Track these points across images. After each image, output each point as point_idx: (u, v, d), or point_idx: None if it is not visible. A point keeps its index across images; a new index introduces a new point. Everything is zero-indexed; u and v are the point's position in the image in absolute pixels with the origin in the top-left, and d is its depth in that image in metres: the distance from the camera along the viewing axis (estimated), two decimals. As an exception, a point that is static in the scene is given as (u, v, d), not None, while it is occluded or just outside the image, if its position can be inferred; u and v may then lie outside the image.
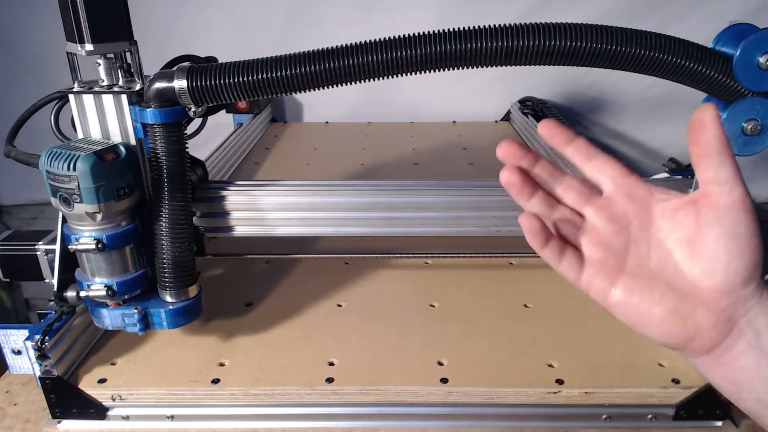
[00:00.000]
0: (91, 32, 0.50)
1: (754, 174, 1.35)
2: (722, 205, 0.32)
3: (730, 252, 0.31)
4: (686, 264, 0.32)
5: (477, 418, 0.55)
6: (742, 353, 0.32)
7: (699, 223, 0.32)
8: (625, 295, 0.33)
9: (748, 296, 0.31)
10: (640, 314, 0.33)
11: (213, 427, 0.55)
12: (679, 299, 0.32)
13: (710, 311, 0.32)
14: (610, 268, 0.34)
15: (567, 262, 0.35)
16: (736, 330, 0.32)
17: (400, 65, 0.49)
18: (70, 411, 0.54)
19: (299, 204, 0.63)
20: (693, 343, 0.33)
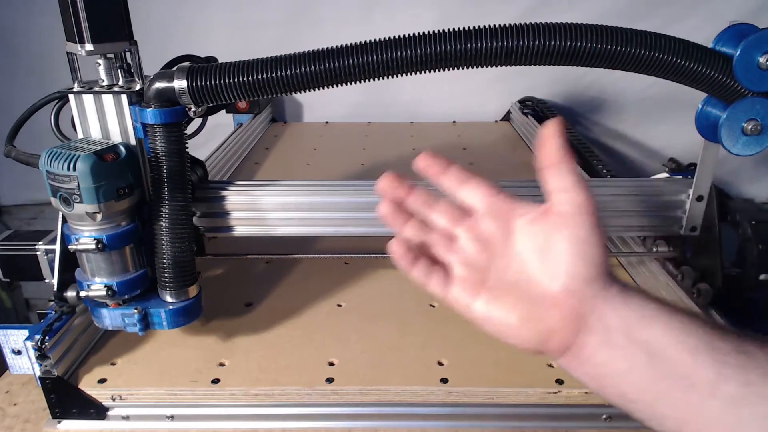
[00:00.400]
0: (91, 32, 0.50)
1: (754, 174, 1.35)
2: (565, 212, 0.34)
3: (573, 254, 0.33)
4: (537, 271, 0.35)
5: (477, 418, 0.55)
6: (596, 350, 0.33)
7: (548, 231, 0.35)
8: (485, 308, 0.36)
9: (594, 295, 0.33)
10: (497, 324, 0.36)
11: (213, 427, 0.55)
12: (531, 305, 0.35)
13: (559, 312, 0.34)
14: (473, 284, 0.37)
15: (434, 281, 0.38)
16: (586, 328, 0.33)
17: (400, 65, 0.49)
18: (70, 411, 0.54)
19: (299, 204, 0.63)
20: (549, 344, 0.34)
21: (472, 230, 0.38)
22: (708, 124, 0.54)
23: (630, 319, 0.33)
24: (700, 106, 0.54)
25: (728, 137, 0.52)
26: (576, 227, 0.34)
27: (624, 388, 0.33)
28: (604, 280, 0.34)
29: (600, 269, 0.34)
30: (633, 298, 0.34)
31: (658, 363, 0.32)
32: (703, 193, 0.62)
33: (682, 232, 0.63)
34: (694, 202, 0.62)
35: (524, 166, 1.11)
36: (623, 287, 0.34)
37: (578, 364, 0.34)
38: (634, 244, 0.73)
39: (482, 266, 0.37)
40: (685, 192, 0.62)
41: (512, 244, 0.36)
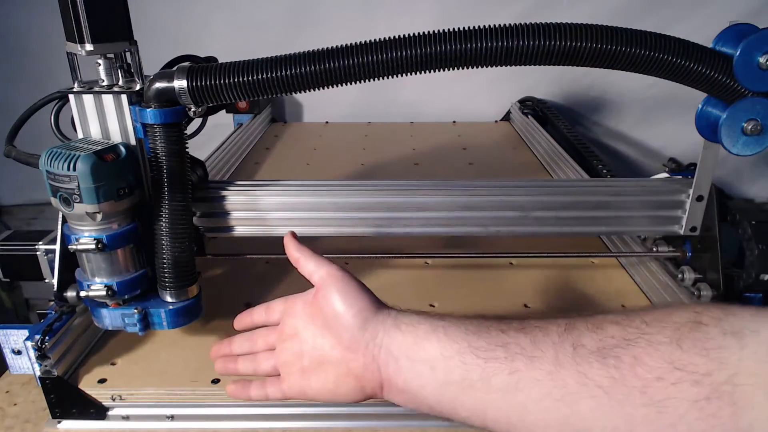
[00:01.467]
0: (91, 32, 0.50)
1: (754, 174, 1.35)
2: (321, 285, 0.42)
3: (340, 311, 0.40)
4: (325, 341, 0.42)
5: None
6: (395, 379, 0.39)
7: (318, 305, 0.42)
8: (311, 386, 0.42)
9: (373, 334, 0.39)
10: (324, 393, 0.42)
11: (213, 427, 0.55)
12: (336, 366, 0.41)
13: (356, 362, 0.40)
14: (296, 374, 0.43)
15: (270, 388, 0.45)
16: (382, 365, 0.39)
17: (400, 65, 0.49)
18: (70, 411, 0.54)
19: (299, 204, 0.63)
20: (366, 388, 0.40)
21: (280, 335, 0.45)
22: (708, 124, 0.54)
23: (406, 344, 0.38)
24: (700, 106, 0.54)
25: (728, 137, 0.52)
26: (334, 291, 0.41)
27: (429, 403, 0.38)
28: (375, 316, 0.40)
29: (365, 311, 0.40)
30: (403, 324, 0.39)
31: (438, 374, 0.37)
32: (703, 193, 0.62)
33: (682, 232, 0.63)
34: (694, 202, 0.62)
35: (524, 166, 1.11)
36: (396, 317, 0.40)
37: (394, 394, 0.39)
38: (634, 244, 0.73)
39: (296, 359, 0.43)
40: (685, 192, 0.62)
41: (303, 333, 0.43)
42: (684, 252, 0.66)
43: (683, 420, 0.29)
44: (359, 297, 0.41)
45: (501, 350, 0.35)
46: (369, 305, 0.41)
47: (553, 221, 0.63)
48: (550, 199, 0.63)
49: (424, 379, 0.37)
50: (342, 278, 0.42)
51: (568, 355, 0.33)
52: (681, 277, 0.64)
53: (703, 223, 0.63)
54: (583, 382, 0.32)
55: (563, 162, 1.00)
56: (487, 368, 0.35)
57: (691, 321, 0.31)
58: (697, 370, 0.29)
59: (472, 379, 0.35)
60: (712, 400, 0.28)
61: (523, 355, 0.34)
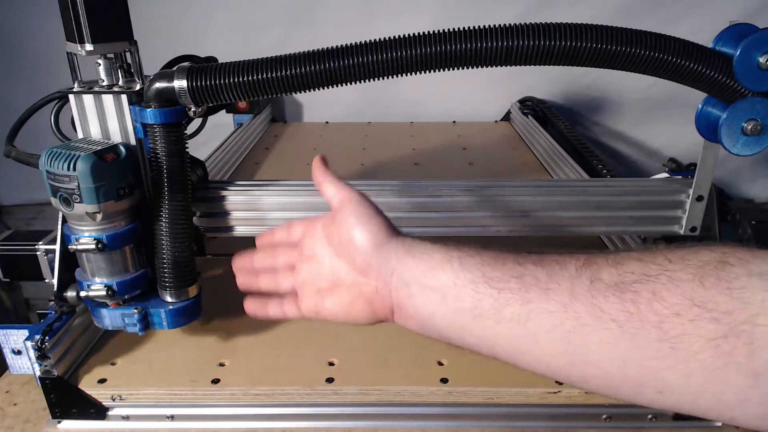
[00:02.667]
0: (91, 32, 0.50)
1: (754, 174, 1.35)
2: (336, 209, 0.43)
3: (356, 234, 0.41)
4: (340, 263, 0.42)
5: (477, 418, 0.55)
6: (406, 304, 0.39)
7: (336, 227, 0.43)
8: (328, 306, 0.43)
9: (386, 259, 0.40)
10: (341, 314, 0.43)
11: (213, 427, 0.55)
12: (350, 289, 0.42)
13: (368, 285, 0.41)
14: (313, 294, 0.44)
15: (287, 307, 0.46)
16: (393, 290, 0.39)
17: (400, 65, 0.49)
18: (70, 411, 0.54)
19: (299, 204, 0.63)
20: (377, 312, 0.41)
21: (300, 254, 0.46)
22: (708, 124, 0.54)
23: (419, 271, 0.38)
24: (700, 106, 0.54)
25: (728, 137, 0.52)
26: (350, 214, 0.42)
27: (438, 329, 0.39)
28: (388, 241, 0.40)
29: (379, 235, 0.41)
30: (417, 251, 0.39)
31: (449, 301, 0.37)
32: (703, 193, 0.62)
33: (682, 232, 0.63)
34: (694, 202, 0.62)
35: (524, 166, 1.11)
36: (410, 244, 0.40)
37: (405, 320, 0.40)
38: (634, 244, 0.73)
39: (314, 278, 0.44)
40: (685, 192, 0.62)
41: (321, 253, 0.44)
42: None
43: (696, 357, 0.29)
44: (374, 221, 0.41)
45: (515, 281, 0.35)
46: (383, 230, 0.41)
47: (553, 221, 0.63)
48: (550, 199, 0.63)
49: (435, 306, 0.38)
50: (359, 201, 0.42)
51: (584, 288, 0.33)
52: (681, 277, 0.64)
53: (703, 223, 0.63)
54: (597, 315, 0.32)
55: (563, 162, 1.00)
56: (500, 298, 0.35)
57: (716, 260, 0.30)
58: (717, 308, 0.28)
59: (483, 308, 0.36)
60: (729, 338, 0.28)
61: (537, 287, 0.34)
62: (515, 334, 0.35)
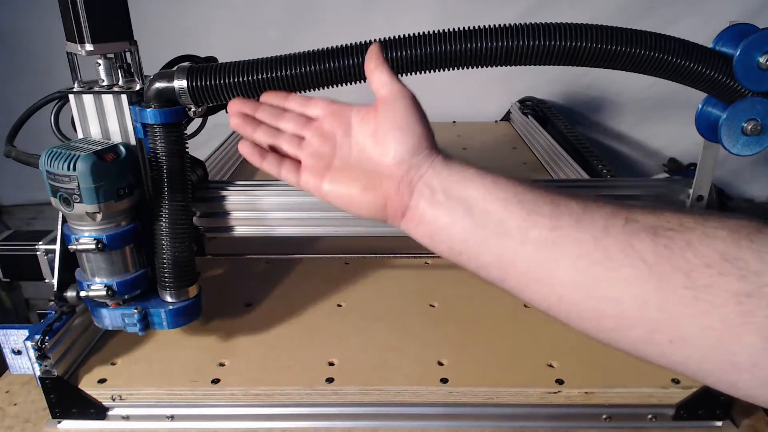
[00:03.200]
0: (91, 32, 0.50)
1: (754, 174, 1.35)
2: (386, 99, 0.42)
3: (396, 131, 0.41)
4: (372, 150, 0.42)
5: (477, 418, 0.55)
6: (425, 209, 0.39)
7: (377, 117, 0.42)
8: (332, 185, 0.43)
9: (419, 163, 0.40)
10: (343, 196, 0.43)
11: (213, 427, 0.55)
12: (369, 178, 0.42)
13: (392, 180, 0.40)
14: (320, 169, 0.44)
15: (285, 169, 0.45)
16: (416, 192, 0.40)
17: (400, 65, 0.49)
18: (70, 411, 0.54)
19: (299, 204, 0.63)
20: (387, 209, 0.41)
21: (317, 129, 0.45)
22: (708, 124, 0.54)
23: (450, 181, 0.39)
24: (700, 106, 0.54)
25: (728, 137, 0.52)
26: (396, 109, 0.41)
27: (451, 242, 0.38)
28: (428, 150, 0.40)
29: (421, 140, 0.40)
30: (454, 165, 0.40)
31: (475, 214, 0.37)
32: (703, 193, 0.62)
33: (682, 232, 0.63)
34: (694, 202, 0.62)
35: (524, 166, 1.11)
36: (447, 156, 0.40)
37: (414, 224, 0.40)
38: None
39: (326, 155, 0.44)
40: (685, 192, 0.62)
41: (352, 134, 0.44)
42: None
43: (718, 310, 0.29)
44: (421, 124, 0.41)
45: (548, 206, 0.35)
46: (426, 136, 0.41)
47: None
48: (550, 199, 0.63)
49: (456, 217, 0.37)
50: (412, 100, 0.42)
51: (619, 226, 0.32)
52: (681, 277, 0.64)
53: (703, 223, 0.63)
54: (627, 252, 0.31)
55: (563, 162, 1.00)
56: (529, 219, 0.35)
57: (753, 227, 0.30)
58: (746, 266, 0.28)
59: (509, 227, 0.35)
60: (753, 297, 0.28)
61: (569, 216, 0.34)
62: (537, 256, 0.34)
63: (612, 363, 0.56)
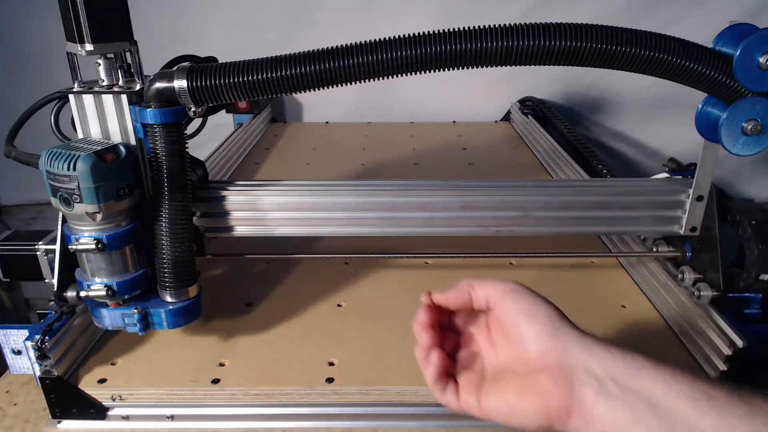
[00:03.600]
0: (91, 32, 0.50)
1: (754, 174, 1.35)
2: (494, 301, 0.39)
3: (522, 320, 0.37)
4: (515, 348, 0.38)
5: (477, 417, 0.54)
6: (594, 403, 0.33)
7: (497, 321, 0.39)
8: (487, 400, 0.37)
9: (567, 347, 0.35)
10: (501, 410, 0.37)
11: (213, 427, 0.55)
12: (519, 380, 0.36)
13: (545, 374, 0.35)
14: (474, 385, 0.39)
15: (449, 393, 0.39)
16: (577, 382, 0.34)
17: (400, 65, 0.49)
18: (70, 411, 0.54)
19: (299, 204, 0.63)
20: (551, 409, 0.34)
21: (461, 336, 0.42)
22: (708, 124, 0.54)
23: (617, 368, 0.33)
24: (700, 106, 0.54)
25: (728, 137, 0.52)
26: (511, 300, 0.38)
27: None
28: (568, 327, 0.36)
29: (554, 320, 0.36)
30: (613, 348, 0.34)
31: (661, 413, 0.31)
32: (703, 193, 0.62)
33: (682, 232, 0.63)
34: (694, 202, 0.62)
35: (524, 166, 1.11)
36: (598, 339, 0.35)
37: (585, 424, 0.34)
38: (634, 244, 0.73)
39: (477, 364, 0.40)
40: (685, 192, 0.62)
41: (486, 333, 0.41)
42: (684, 252, 0.66)
43: None
44: (544, 303, 0.38)
45: (743, 406, 0.30)
46: (557, 314, 0.37)
47: (553, 221, 0.63)
48: (550, 199, 0.63)
49: (640, 416, 0.31)
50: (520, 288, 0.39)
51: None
52: (681, 277, 0.64)
53: (703, 223, 0.63)
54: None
55: (563, 162, 1.00)
56: (726, 422, 0.30)
57: None
58: None
59: (703, 430, 0.30)
60: None
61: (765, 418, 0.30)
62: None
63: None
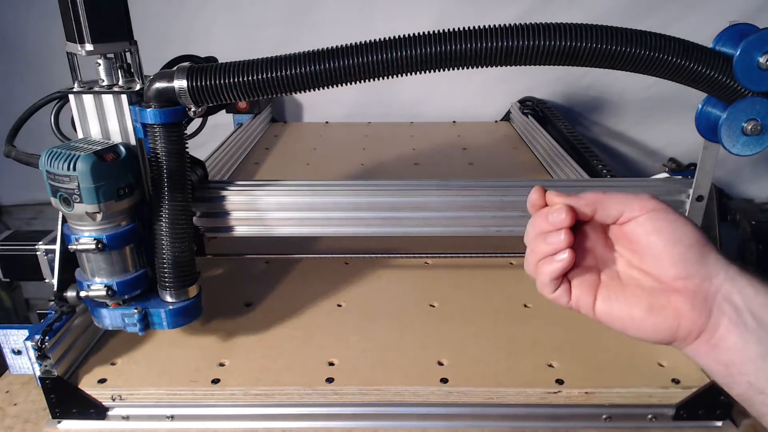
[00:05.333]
0: (91, 32, 0.50)
1: (754, 174, 1.35)
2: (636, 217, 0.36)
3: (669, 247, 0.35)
4: (647, 265, 0.36)
5: (477, 418, 0.55)
6: (728, 331, 0.33)
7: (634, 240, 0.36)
8: (606, 305, 0.37)
9: (711, 273, 0.34)
10: (623, 319, 0.36)
11: (213, 427, 0.55)
12: (651, 296, 0.35)
13: (683, 296, 0.34)
14: (589, 286, 0.38)
15: (560, 289, 0.38)
16: (715, 309, 0.34)
17: (400, 65, 0.49)
18: (70, 411, 0.54)
19: (299, 204, 0.63)
20: (680, 330, 0.35)
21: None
22: (708, 124, 0.54)
23: (758, 302, 0.33)
24: (700, 106, 0.54)
25: (728, 137, 0.52)
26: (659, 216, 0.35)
27: (754, 377, 0.32)
28: (714, 255, 0.34)
29: (701, 250, 0.34)
30: (756, 282, 0.33)
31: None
32: (703, 193, 0.62)
33: (682, 232, 0.63)
34: (694, 202, 0.62)
35: (524, 166, 1.11)
36: (743, 269, 0.34)
37: (709, 349, 0.34)
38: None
39: (591, 268, 0.38)
40: (685, 192, 0.62)
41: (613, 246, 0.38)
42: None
43: None
44: (691, 227, 0.35)
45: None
46: (703, 239, 0.35)
47: (553, 221, 0.63)
48: (550, 199, 0.63)
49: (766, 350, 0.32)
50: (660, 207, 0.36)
51: None
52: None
53: (703, 223, 0.63)
54: None
55: (563, 162, 1.00)
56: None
57: None
58: None
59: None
60: None
61: None
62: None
63: (612, 363, 0.56)
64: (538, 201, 0.38)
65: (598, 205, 0.37)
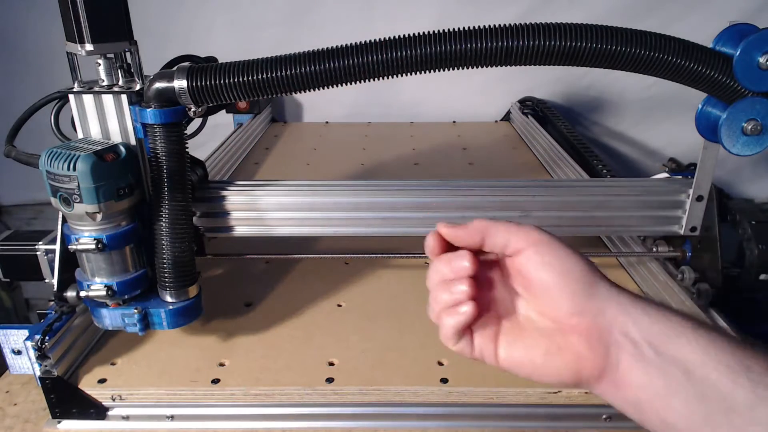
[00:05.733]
0: (91, 32, 0.50)
1: (754, 174, 1.35)
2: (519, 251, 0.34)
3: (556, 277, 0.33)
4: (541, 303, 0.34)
5: (477, 418, 0.55)
6: (630, 367, 0.31)
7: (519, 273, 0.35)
8: (507, 352, 0.35)
9: (603, 307, 0.32)
10: (524, 365, 0.35)
11: (213, 427, 0.55)
12: (548, 338, 0.34)
13: (580, 336, 0.32)
14: (489, 333, 0.36)
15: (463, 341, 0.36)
16: (613, 345, 0.32)
17: (400, 65, 0.49)
18: (70, 411, 0.54)
19: (299, 204, 0.63)
20: (583, 372, 0.33)
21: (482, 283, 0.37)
22: (708, 124, 0.54)
23: (654, 332, 0.31)
24: (700, 106, 0.54)
25: (728, 137, 0.52)
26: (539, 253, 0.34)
27: (665, 413, 0.31)
28: (603, 284, 0.33)
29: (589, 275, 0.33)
30: (650, 308, 0.32)
31: (696, 382, 0.29)
32: (703, 193, 0.62)
33: (682, 232, 0.63)
34: (694, 202, 0.62)
35: (524, 166, 1.11)
36: (635, 297, 0.33)
37: (616, 388, 0.32)
38: (634, 244, 0.73)
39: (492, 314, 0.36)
40: (685, 192, 0.62)
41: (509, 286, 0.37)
42: (684, 252, 0.66)
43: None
44: (575, 260, 0.33)
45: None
46: (591, 269, 0.33)
47: (553, 221, 0.63)
48: (550, 199, 0.63)
49: (673, 384, 0.30)
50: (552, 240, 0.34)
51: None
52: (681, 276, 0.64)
53: (703, 223, 0.63)
54: None
55: (563, 162, 1.00)
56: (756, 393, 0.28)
57: None
58: None
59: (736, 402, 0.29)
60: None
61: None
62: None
63: (612, 363, 0.55)
64: (437, 247, 0.37)
65: (485, 233, 0.36)
